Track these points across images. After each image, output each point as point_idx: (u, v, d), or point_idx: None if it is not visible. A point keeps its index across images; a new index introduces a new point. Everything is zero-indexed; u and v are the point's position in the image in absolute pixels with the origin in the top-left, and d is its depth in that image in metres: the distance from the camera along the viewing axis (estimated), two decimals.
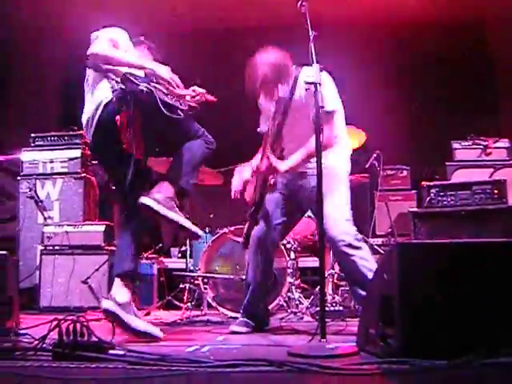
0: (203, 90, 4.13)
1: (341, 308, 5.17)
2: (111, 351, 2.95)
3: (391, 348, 2.75)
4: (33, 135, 7.20)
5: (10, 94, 8.63)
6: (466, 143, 6.63)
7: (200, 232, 4.05)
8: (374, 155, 6.16)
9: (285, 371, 2.55)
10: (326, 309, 4.78)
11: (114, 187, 4.72)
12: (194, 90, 4.08)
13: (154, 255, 7.08)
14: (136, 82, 3.68)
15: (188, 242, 6.19)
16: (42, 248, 6.44)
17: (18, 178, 6.92)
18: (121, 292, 3.78)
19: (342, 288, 5.48)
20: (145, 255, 6.91)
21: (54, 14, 7.92)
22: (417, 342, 2.69)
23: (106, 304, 3.71)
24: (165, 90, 3.79)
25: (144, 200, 3.79)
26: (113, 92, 3.79)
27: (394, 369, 2.53)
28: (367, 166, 6.22)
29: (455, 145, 6.65)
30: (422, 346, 2.67)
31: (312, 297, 5.40)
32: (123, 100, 3.73)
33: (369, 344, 3.02)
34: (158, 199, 3.80)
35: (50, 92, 7.91)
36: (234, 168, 4.69)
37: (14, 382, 2.33)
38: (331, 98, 4.12)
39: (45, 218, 6.47)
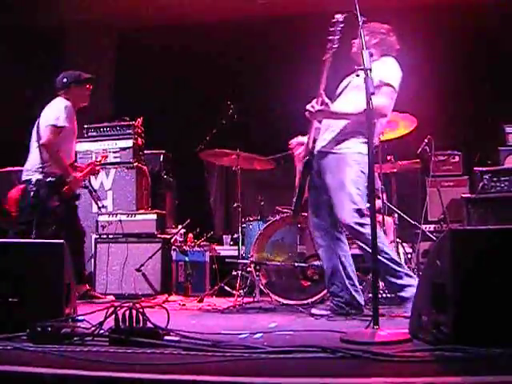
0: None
1: (393, 295, 5.14)
2: (166, 337, 3.01)
3: (444, 335, 2.74)
4: (86, 126, 7.34)
5: None
6: None
7: None
8: (426, 141, 6.07)
9: (338, 358, 2.56)
10: (379, 296, 4.76)
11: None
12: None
13: (206, 243, 7.14)
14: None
15: (240, 229, 6.20)
16: (97, 237, 6.60)
17: None
18: None
19: None
20: (197, 243, 6.99)
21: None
22: (470, 329, 2.67)
23: None
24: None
25: None
26: None
27: (447, 356, 2.52)
28: (419, 151, 6.13)
29: (508, 129, 6.52)
30: (475, 334, 2.65)
31: (364, 284, 5.37)
32: None
33: (421, 331, 3.02)
34: None
35: (103, 85, 8.01)
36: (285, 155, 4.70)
37: None
38: None
39: (99, 208, 6.56)
